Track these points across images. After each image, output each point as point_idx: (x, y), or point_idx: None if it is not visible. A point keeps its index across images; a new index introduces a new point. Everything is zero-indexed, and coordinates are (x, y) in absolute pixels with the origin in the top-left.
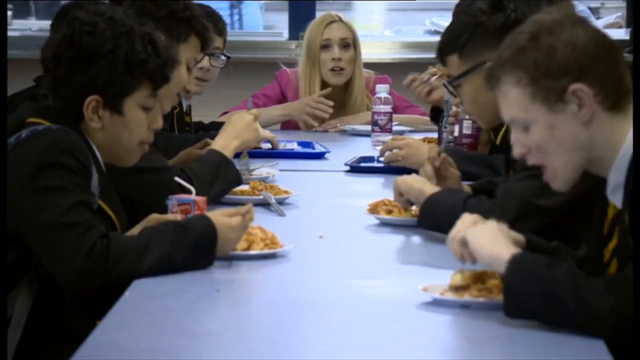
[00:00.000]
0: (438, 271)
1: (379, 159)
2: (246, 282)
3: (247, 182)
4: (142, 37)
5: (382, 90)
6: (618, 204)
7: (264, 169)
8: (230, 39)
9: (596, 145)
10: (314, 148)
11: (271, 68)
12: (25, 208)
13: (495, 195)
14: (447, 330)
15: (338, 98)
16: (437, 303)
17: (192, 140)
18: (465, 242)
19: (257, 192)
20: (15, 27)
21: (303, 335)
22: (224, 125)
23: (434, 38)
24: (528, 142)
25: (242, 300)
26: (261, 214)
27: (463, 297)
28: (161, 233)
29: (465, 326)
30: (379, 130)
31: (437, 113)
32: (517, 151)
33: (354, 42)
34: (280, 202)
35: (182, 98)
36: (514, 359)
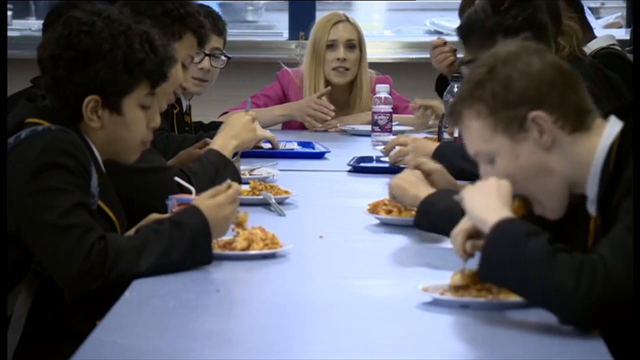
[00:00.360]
0: (438, 271)
1: (379, 159)
2: (246, 282)
3: (247, 182)
4: (140, 36)
5: (382, 90)
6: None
7: (264, 169)
8: (230, 39)
9: (567, 167)
10: (314, 148)
11: (271, 68)
12: (24, 209)
13: None
14: (447, 330)
15: (342, 98)
16: (437, 303)
17: (192, 140)
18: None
19: (257, 192)
20: (15, 27)
21: (303, 335)
22: (222, 125)
23: (434, 38)
24: (496, 174)
25: (242, 300)
26: (261, 214)
27: (463, 297)
28: (157, 232)
29: (465, 326)
30: (379, 130)
31: (442, 84)
32: None
33: (360, 43)
34: (280, 202)
35: (182, 98)
36: (514, 359)
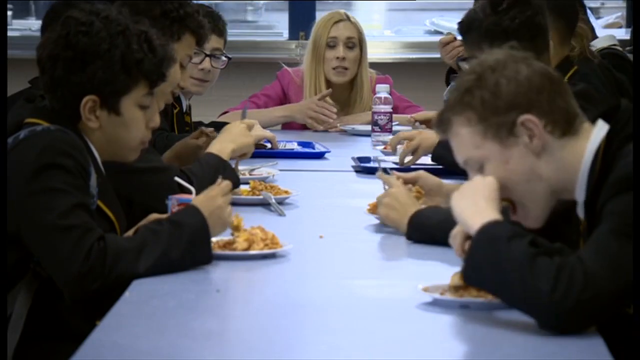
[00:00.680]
0: (438, 271)
1: (379, 159)
2: (246, 282)
3: (247, 182)
4: (138, 36)
5: (382, 90)
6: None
7: (264, 169)
8: (230, 39)
9: (556, 172)
10: (314, 148)
11: (271, 68)
12: (23, 209)
13: None
14: (447, 330)
15: (342, 97)
16: (437, 303)
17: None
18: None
19: (257, 192)
20: (15, 27)
21: (303, 335)
22: (220, 132)
23: (434, 38)
24: None
25: (242, 300)
26: (261, 214)
27: (463, 297)
28: (156, 232)
29: (465, 326)
30: (379, 130)
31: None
32: None
33: (360, 42)
34: (280, 202)
35: (182, 98)
36: (514, 359)
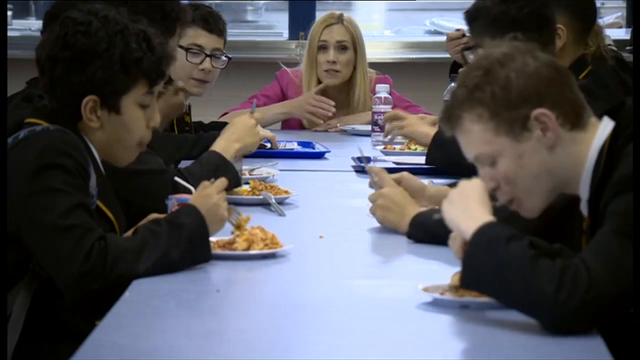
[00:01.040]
0: (438, 271)
1: (378, 160)
2: (246, 282)
3: (247, 182)
4: (137, 35)
5: (382, 90)
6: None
7: (264, 169)
8: (230, 39)
9: (563, 167)
10: (314, 148)
11: (271, 68)
12: (23, 210)
13: None
14: (447, 330)
15: (339, 98)
16: (437, 303)
17: (192, 140)
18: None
19: (257, 192)
20: (15, 27)
21: (303, 335)
22: (226, 127)
23: (434, 38)
24: (497, 176)
25: (242, 300)
26: (261, 214)
27: (463, 297)
28: (155, 233)
29: (465, 326)
30: (379, 130)
31: (456, 69)
32: (488, 187)
33: (354, 44)
34: (280, 202)
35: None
36: (514, 359)
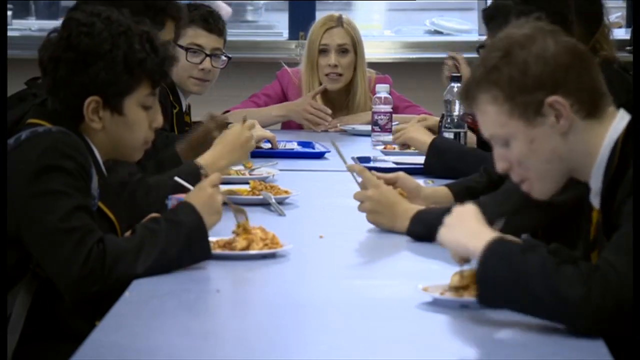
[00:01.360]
0: (438, 271)
1: (378, 160)
2: (246, 282)
3: (247, 182)
4: (140, 36)
5: (382, 90)
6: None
7: (264, 169)
8: (230, 39)
9: (575, 154)
10: (314, 148)
11: (271, 68)
12: (24, 211)
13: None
14: (447, 330)
15: (339, 100)
16: (437, 303)
17: None
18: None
19: (257, 192)
20: (15, 27)
21: (303, 335)
22: (220, 137)
23: (434, 38)
24: (509, 157)
25: (242, 300)
26: (261, 214)
27: (463, 297)
28: (153, 231)
29: (465, 326)
30: (379, 130)
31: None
32: (500, 166)
33: (354, 47)
34: (280, 202)
35: (182, 98)
36: (514, 359)
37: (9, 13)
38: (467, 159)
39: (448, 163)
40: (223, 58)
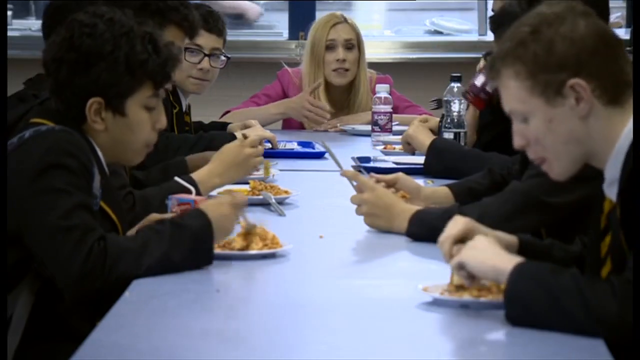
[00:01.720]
0: (438, 271)
1: (378, 160)
2: (246, 282)
3: (247, 182)
4: (142, 37)
5: (382, 90)
6: (613, 198)
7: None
8: (230, 39)
9: (593, 139)
10: (314, 148)
11: (271, 68)
12: (26, 209)
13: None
14: (447, 330)
15: (341, 98)
16: (437, 303)
17: (192, 140)
18: (462, 267)
19: (257, 192)
20: (15, 27)
21: (303, 335)
22: (217, 153)
23: (434, 38)
24: (527, 134)
25: (242, 300)
26: (261, 214)
27: (463, 297)
28: (158, 233)
29: (465, 326)
30: (379, 130)
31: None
32: (517, 142)
33: (358, 43)
34: (280, 202)
35: (182, 98)
36: (514, 359)
37: (9, 13)
38: (467, 160)
39: (448, 163)
40: (222, 58)
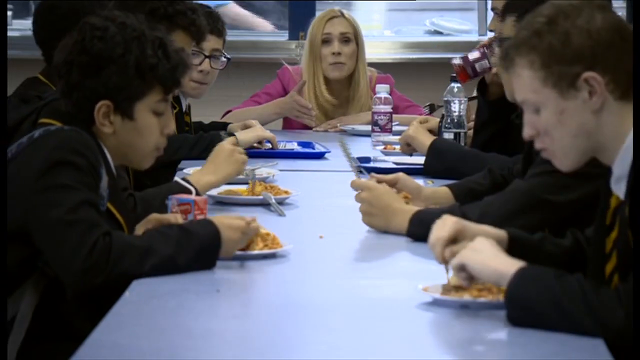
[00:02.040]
0: (438, 271)
1: (378, 160)
2: (246, 282)
3: (247, 182)
4: (153, 42)
5: (382, 90)
6: (621, 195)
7: (264, 169)
8: (230, 39)
9: (603, 133)
10: (314, 148)
11: (271, 68)
12: (32, 205)
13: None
14: (447, 330)
15: (341, 94)
16: (437, 303)
17: (192, 140)
18: (463, 268)
19: (257, 193)
20: (15, 27)
21: (303, 335)
22: (209, 158)
23: (434, 38)
24: (538, 125)
25: (242, 300)
26: (261, 214)
27: (463, 297)
28: (165, 235)
29: (465, 326)
30: (379, 130)
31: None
32: (527, 132)
33: (356, 37)
34: (280, 202)
35: (182, 98)
36: (514, 359)
37: (9, 13)
38: (467, 160)
39: (448, 164)
40: (222, 59)
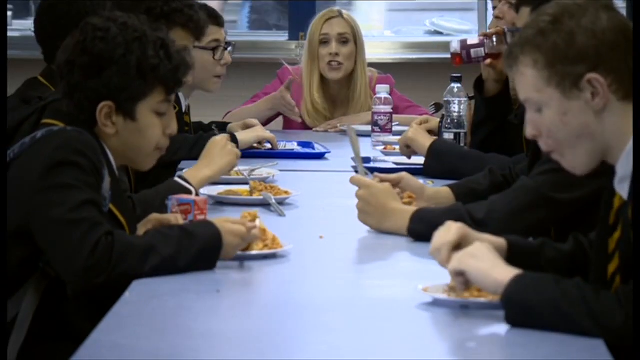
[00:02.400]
0: (438, 271)
1: (378, 160)
2: (246, 282)
3: (247, 183)
4: (155, 42)
5: (382, 90)
6: (624, 195)
7: (264, 169)
8: (230, 39)
9: (607, 134)
10: (314, 148)
11: (271, 68)
12: (35, 204)
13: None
14: (447, 330)
15: (340, 94)
16: (437, 303)
17: (192, 140)
18: (460, 273)
19: (257, 193)
20: (15, 27)
21: (303, 335)
22: (202, 153)
23: (434, 38)
24: (540, 125)
25: (242, 300)
26: (261, 214)
27: (463, 297)
28: (166, 236)
29: (465, 326)
30: (379, 130)
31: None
32: (529, 132)
33: (355, 38)
34: (280, 203)
35: (182, 98)
36: (514, 359)
37: (9, 13)
38: (467, 161)
39: (447, 166)
40: (229, 49)
